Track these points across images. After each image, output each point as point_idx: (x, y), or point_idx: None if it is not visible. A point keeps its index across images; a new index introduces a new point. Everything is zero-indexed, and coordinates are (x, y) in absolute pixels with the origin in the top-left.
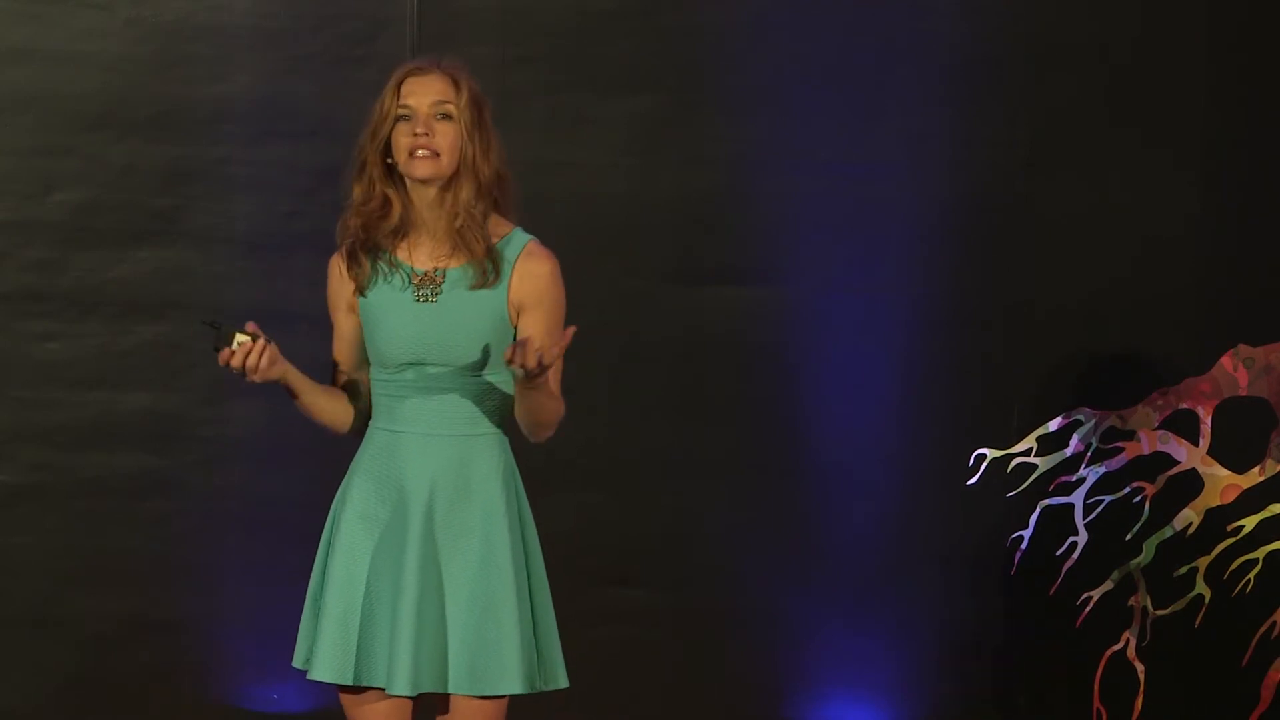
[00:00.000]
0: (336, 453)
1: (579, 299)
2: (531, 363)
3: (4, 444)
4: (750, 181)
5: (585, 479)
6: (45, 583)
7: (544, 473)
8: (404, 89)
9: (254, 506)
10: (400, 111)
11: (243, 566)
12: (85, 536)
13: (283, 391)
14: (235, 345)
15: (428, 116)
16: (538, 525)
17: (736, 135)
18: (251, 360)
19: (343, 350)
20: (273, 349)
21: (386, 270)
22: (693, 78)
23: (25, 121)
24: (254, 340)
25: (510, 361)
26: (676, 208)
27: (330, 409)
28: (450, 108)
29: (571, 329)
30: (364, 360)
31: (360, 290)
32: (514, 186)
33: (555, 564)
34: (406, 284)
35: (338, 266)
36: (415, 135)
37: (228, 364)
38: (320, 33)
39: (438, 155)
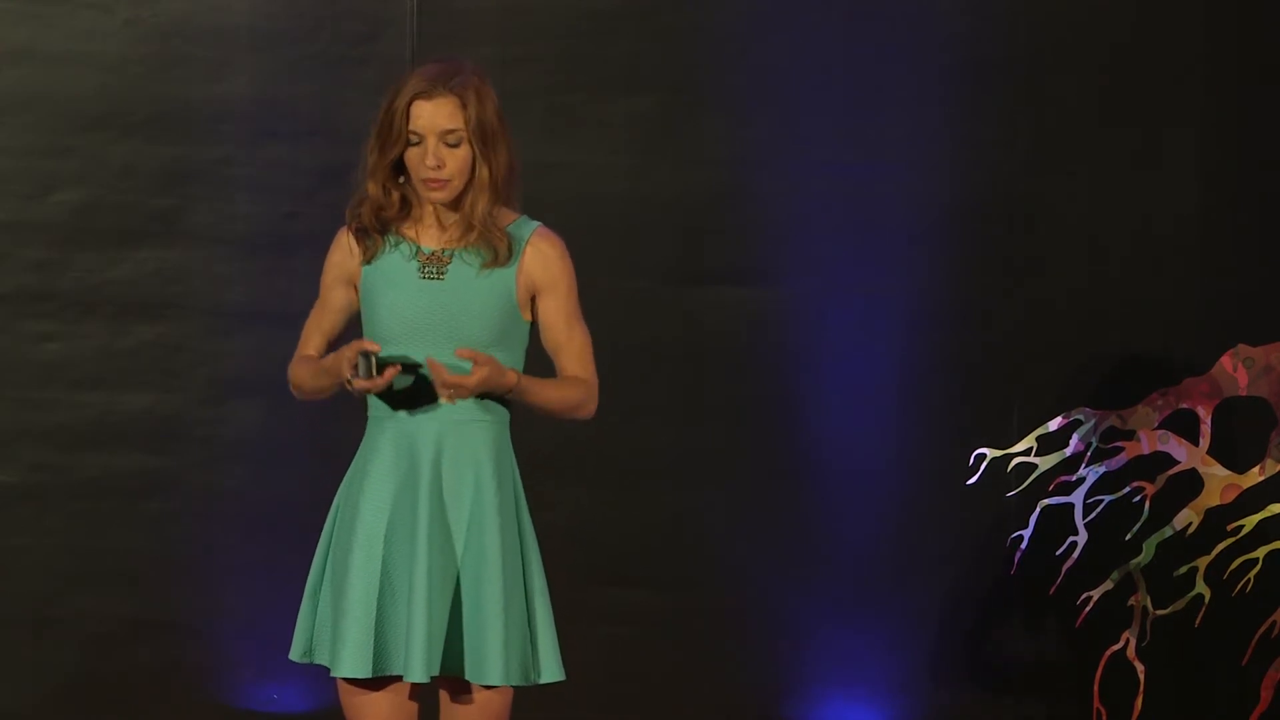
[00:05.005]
0: (336, 452)
1: (579, 299)
2: (449, 382)
3: (4, 444)
4: (750, 181)
5: (585, 478)
6: (45, 583)
7: (544, 472)
8: (413, 113)
9: (254, 506)
10: (411, 138)
11: (243, 566)
12: (85, 536)
13: (282, 391)
14: (377, 376)
15: (437, 145)
16: (538, 524)
17: (736, 135)
18: (376, 386)
19: (326, 320)
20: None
21: (395, 245)
22: (693, 78)
23: (25, 121)
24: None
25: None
26: (676, 208)
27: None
28: (459, 133)
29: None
30: (344, 335)
31: (366, 260)
32: (520, 179)
33: (555, 563)
34: (412, 259)
35: (345, 239)
36: (427, 165)
37: (356, 385)
38: (320, 33)
39: (449, 181)
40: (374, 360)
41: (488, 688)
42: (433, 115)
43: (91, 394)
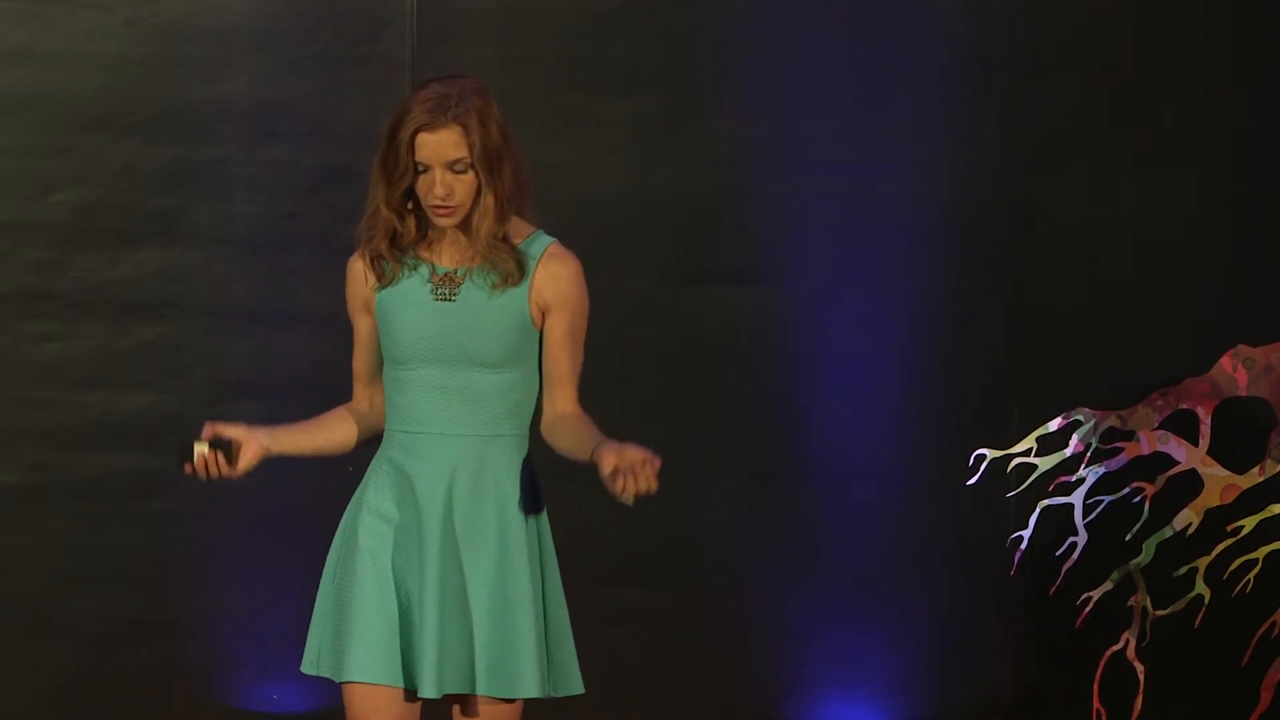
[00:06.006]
0: None
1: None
2: (643, 487)
3: (4, 444)
4: (750, 181)
5: (586, 479)
6: (45, 583)
7: (544, 472)
8: (417, 145)
9: (254, 506)
10: (418, 167)
11: (243, 566)
12: (85, 536)
13: (283, 391)
14: (195, 458)
15: (443, 174)
16: None
17: (736, 135)
18: (213, 470)
19: (363, 356)
20: (236, 443)
21: (409, 267)
22: (693, 78)
23: (25, 121)
24: (212, 449)
25: (622, 490)
26: (676, 208)
27: (332, 442)
28: (465, 160)
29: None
30: (381, 367)
31: (382, 285)
32: (530, 187)
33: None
34: (426, 280)
35: (359, 266)
36: (435, 194)
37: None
38: (320, 33)
39: (458, 207)
40: (182, 447)
41: (505, 701)
42: (437, 146)
43: (91, 394)
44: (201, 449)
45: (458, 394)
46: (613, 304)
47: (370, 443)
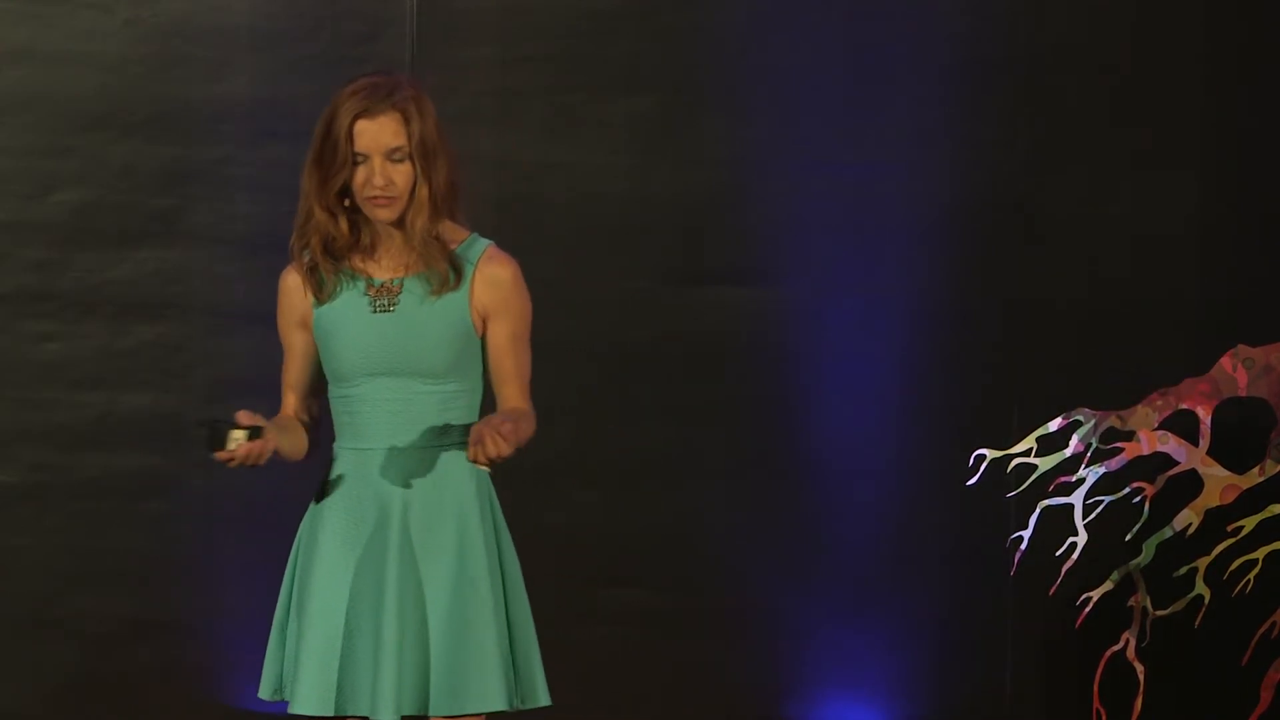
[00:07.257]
0: None
1: (578, 299)
2: (493, 451)
3: (4, 444)
4: (750, 181)
5: (585, 479)
6: (45, 583)
7: (544, 472)
8: (356, 132)
9: (254, 506)
10: (356, 158)
11: (243, 566)
12: (85, 536)
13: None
14: (232, 445)
15: (383, 164)
16: (537, 525)
17: (736, 135)
18: (251, 459)
19: (297, 369)
20: (266, 433)
21: (345, 280)
22: (693, 78)
23: (25, 121)
24: (250, 437)
25: (475, 459)
26: (676, 208)
27: (292, 445)
28: (404, 149)
29: (511, 427)
30: (318, 380)
31: (318, 301)
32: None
33: (555, 564)
34: (363, 294)
35: (294, 280)
36: (374, 184)
37: (226, 462)
38: (320, 33)
39: (395, 198)
40: (216, 431)
41: (468, 715)
42: (377, 134)
43: (91, 394)
44: (241, 437)
45: (404, 406)
46: (613, 304)
47: (310, 455)
